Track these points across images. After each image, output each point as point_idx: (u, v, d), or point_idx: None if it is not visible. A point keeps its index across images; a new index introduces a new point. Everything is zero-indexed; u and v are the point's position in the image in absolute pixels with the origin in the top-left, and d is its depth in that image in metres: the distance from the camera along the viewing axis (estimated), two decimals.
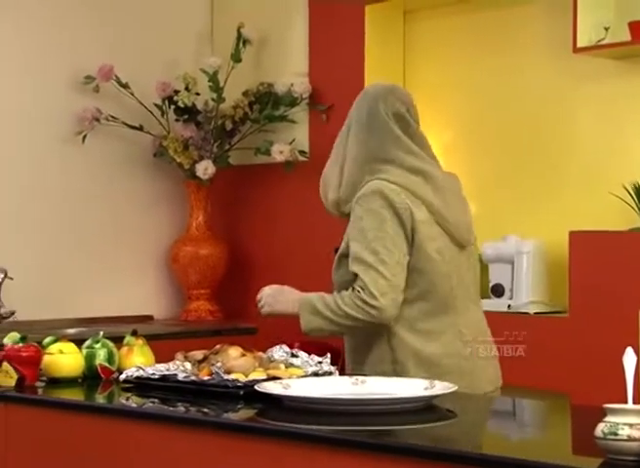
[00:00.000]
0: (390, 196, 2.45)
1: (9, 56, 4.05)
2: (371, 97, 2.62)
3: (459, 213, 2.59)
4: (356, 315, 2.43)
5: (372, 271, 2.42)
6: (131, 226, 4.38)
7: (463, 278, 2.55)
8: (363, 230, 2.46)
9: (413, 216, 2.46)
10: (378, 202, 2.46)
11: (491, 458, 1.65)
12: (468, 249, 2.60)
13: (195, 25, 4.60)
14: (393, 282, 2.43)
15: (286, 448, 1.87)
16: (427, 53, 4.23)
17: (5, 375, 2.31)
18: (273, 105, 4.31)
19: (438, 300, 2.50)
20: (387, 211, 2.45)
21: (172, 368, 2.30)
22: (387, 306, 2.41)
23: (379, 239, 2.44)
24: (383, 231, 2.44)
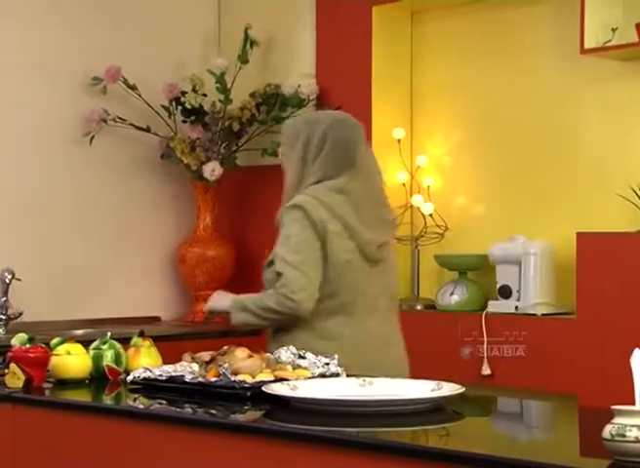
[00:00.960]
0: (308, 209, 2.78)
1: (17, 57, 4.06)
2: (306, 125, 2.93)
3: (373, 232, 2.84)
4: (277, 308, 2.74)
5: (293, 269, 2.73)
6: (138, 227, 4.39)
7: (369, 290, 2.83)
8: (287, 236, 2.79)
9: (326, 229, 2.77)
10: (298, 213, 2.79)
11: (498, 460, 1.65)
12: (381, 265, 2.87)
13: (202, 27, 4.60)
14: (312, 279, 2.74)
15: (293, 449, 1.87)
16: (435, 53, 4.23)
17: (12, 377, 2.31)
18: (280, 106, 4.31)
19: (338, 305, 2.79)
20: (306, 221, 2.78)
21: (179, 369, 2.31)
22: (304, 300, 2.72)
23: (300, 243, 2.76)
24: (304, 237, 2.77)
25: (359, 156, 2.89)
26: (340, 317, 2.80)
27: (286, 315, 2.74)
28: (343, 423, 1.92)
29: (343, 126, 2.93)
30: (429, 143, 4.26)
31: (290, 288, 2.71)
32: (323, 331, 2.78)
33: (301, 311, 2.73)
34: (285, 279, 2.72)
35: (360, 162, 2.89)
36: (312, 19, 4.33)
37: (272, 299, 2.75)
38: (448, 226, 4.12)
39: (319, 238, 2.76)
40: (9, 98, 4.03)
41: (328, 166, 2.85)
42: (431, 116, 4.26)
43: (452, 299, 3.94)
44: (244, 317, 2.83)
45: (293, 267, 2.73)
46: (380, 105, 4.19)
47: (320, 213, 2.78)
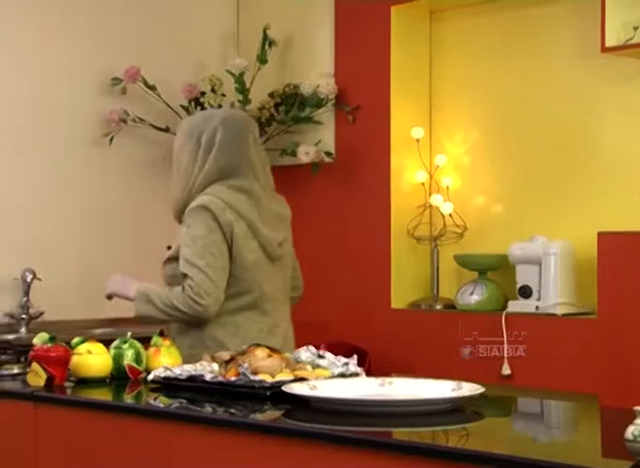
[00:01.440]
0: (215, 210, 2.84)
1: (37, 57, 4.08)
2: (202, 122, 2.98)
3: (273, 230, 2.98)
4: (183, 309, 2.81)
5: (200, 273, 2.80)
6: (157, 227, 4.39)
7: (271, 286, 2.97)
8: (193, 238, 2.84)
9: (233, 230, 2.85)
10: (205, 214, 2.85)
11: (519, 460, 1.64)
12: (281, 261, 3.03)
13: (221, 27, 4.61)
14: (218, 283, 2.82)
15: (313, 448, 1.87)
16: (453, 53, 4.22)
17: (34, 375, 2.33)
18: (299, 106, 4.31)
19: (245, 302, 2.91)
20: (213, 223, 2.84)
21: (199, 368, 2.31)
22: (211, 304, 2.81)
23: (207, 246, 2.83)
24: (211, 239, 2.83)
25: (252, 153, 2.97)
26: (248, 312, 2.91)
27: (191, 316, 2.83)
28: (363, 423, 1.92)
29: (235, 123, 2.98)
30: (448, 143, 4.25)
31: (197, 291, 2.79)
32: (233, 327, 2.89)
33: (207, 315, 2.83)
34: (192, 282, 2.79)
35: (254, 159, 2.97)
36: (331, 19, 4.33)
37: (179, 299, 2.81)
38: (467, 226, 4.11)
39: (226, 240, 2.85)
40: (29, 99, 4.05)
41: (223, 164, 2.92)
42: (450, 115, 4.25)
43: (471, 299, 3.93)
44: (148, 309, 2.88)
45: (199, 270, 2.80)
46: (399, 105, 4.18)
47: (227, 214, 2.85)
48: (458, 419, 1.99)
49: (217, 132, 2.93)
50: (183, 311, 2.81)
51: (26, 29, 4.05)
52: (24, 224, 4.03)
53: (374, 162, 4.20)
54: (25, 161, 4.05)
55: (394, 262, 4.14)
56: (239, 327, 2.90)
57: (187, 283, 2.80)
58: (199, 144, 2.94)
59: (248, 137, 2.98)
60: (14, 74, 4.02)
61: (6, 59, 4.00)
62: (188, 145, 2.96)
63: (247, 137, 2.98)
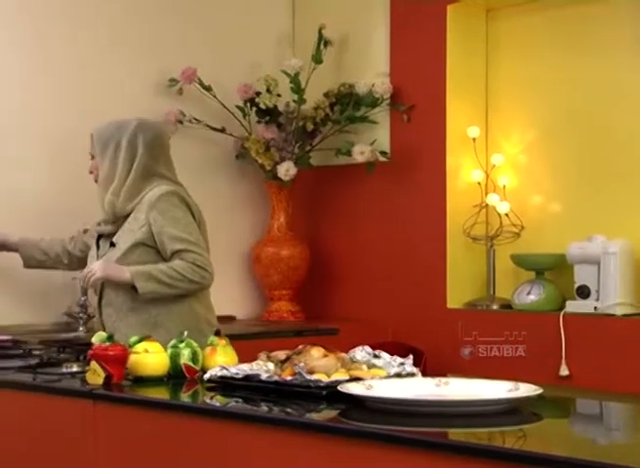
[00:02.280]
0: (184, 196, 3.16)
1: (95, 60, 4.13)
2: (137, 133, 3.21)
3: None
4: (193, 278, 3.04)
5: (196, 247, 3.07)
6: (213, 227, 4.38)
7: None
8: (175, 218, 3.08)
9: (200, 215, 3.18)
10: (176, 199, 3.13)
11: (577, 462, 1.62)
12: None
13: (276, 27, 4.62)
14: (207, 258, 3.10)
15: (368, 448, 1.86)
16: (510, 51, 4.19)
17: (93, 374, 2.35)
18: (354, 106, 4.31)
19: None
20: (184, 206, 3.13)
21: (255, 368, 2.32)
22: (212, 275, 3.10)
23: (189, 224, 3.11)
24: (189, 220, 3.12)
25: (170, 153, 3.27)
26: (206, 291, 3.20)
27: (197, 285, 3.07)
28: (419, 423, 1.91)
29: (152, 127, 3.26)
30: (505, 142, 4.21)
31: (202, 261, 3.05)
32: (206, 301, 3.20)
33: (209, 284, 3.12)
34: (193, 254, 3.04)
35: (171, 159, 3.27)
36: (386, 18, 4.32)
37: (187, 270, 3.03)
38: (524, 225, 4.08)
39: (195, 221, 3.14)
40: (88, 100, 4.09)
41: (152, 164, 3.18)
42: (507, 114, 4.21)
43: (528, 299, 3.89)
44: (153, 287, 3.03)
45: (194, 244, 3.06)
46: (455, 104, 4.16)
47: (191, 200, 3.18)
48: (514, 420, 1.98)
49: (137, 136, 3.18)
50: (191, 279, 3.03)
51: (85, 31, 4.10)
52: (82, 225, 4.07)
53: (429, 161, 4.18)
54: (83, 162, 4.09)
55: (450, 262, 4.12)
56: (209, 301, 3.22)
57: (189, 256, 3.04)
58: (118, 151, 3.18)
59: (166, 139, 3.29)
60: (72, 76, 4.07)
61: (65, 61, 4.05)
62: (106, 154, 3.19)
63: (166, 139, 3.29)
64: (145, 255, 3.09)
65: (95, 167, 3.28)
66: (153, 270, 3.04)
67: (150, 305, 3.09)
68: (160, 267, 3.04)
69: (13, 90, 3.93)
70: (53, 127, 4.00)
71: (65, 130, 4.03)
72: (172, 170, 3.27)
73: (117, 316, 3.13)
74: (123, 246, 3.11)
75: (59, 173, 4.01)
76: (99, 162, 3.24)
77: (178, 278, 3.03)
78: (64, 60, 4.06)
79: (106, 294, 3.16)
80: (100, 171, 3.23)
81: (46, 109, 3.98)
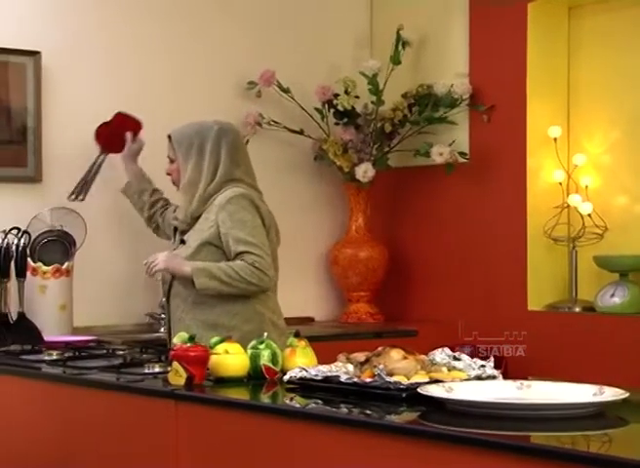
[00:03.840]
0: (254, 199, 3.18)
1: (175, 63, 4.18)
2: (221, 136, 3.25)
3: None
4: (251, 280, 3.07)
5: (259, 250, 3.09)
6: (292, 229, 4.43)
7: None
8: (241, 221, 3.11)
9: (271, 221, 3.21)
10: (246, 201, 3.16)
11: None
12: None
13: (354, 29, 4.62)
14: (269, 262, 3.11)
15: (449, 451, 1.85)
16: (593, 49, 4.12)
17: (175, 374, 2.38)
18: (433, 107, 4.28)
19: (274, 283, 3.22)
20: (254, 209, 3.15)
21: (334, 369, 2.32)
22: (273, 277, 3.14)
23: (255, 227, 3.13)
24: (257, 223, 3.14)
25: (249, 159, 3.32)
26: (272, 293, 3.23)
27: (255, 287, 3.09)
28: (500, 426, 1.89)
29: (232, 132, 3.30)
30: (587, 141, 4.14)
31: (262, 263, 3.07)
32: (271, 304, 3.21)
33: (269, 287, 3.15)
34: (255, 256, 3.07)
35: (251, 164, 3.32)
36: (465, 17, 4.29)
37: (246, 272, 3.06)
38: (608, 226, 4.00)
39: (264, 226, 3.17)
40: (168, 102, 4.15)
41: (234, 169, 3.22)
42: (589, 113, 4.15)
43: (612, 302, 3.82)
44: (211, 284, 3.07)
45: (257, 247, 3.09)
46: (536, 103, 4.11)
47: (263, 205, 3.21)
48: (599, 425, 1.94)
49: (220, 141, 3.24)
50: (249, 281, 3.06)
51: (166, 35, 4.16)
52: None
53: (509, 162, 4.14)
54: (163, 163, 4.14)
55: (531, 263, 4.07)
56: (275, 303, 3.24)
57: (249, 257, 3.07)
58: (202, 156, 3.22)
59: (244, 143, 3.40)
60: (154, 79, 4.13)
61: (147, 65, 4.12)
62: (189, 159, 3.24)
63: (244, 143, 3.40)
64: (212, 255, 3.13)
65: (174, 170, 3.32)
66: (213, 268, 3.08)
67: (215, 301, 3.12)
68: (220, 265, 3.08)
69: (103, 92, 4.00)
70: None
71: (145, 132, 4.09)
72: (251, 175, 3.31)
73: (184, 307, 3.18)
74: (193, 244, 3.17)
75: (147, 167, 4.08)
76: (181, 165, 3.28)
77: (236, 278, 3.06)
78: (145, 65, 4.12)
79: (175, 286, 3.21)
80: (183, 175, 3.27)
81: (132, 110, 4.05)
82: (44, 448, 2.75)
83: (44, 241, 3.61)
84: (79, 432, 2.66)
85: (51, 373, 2.76)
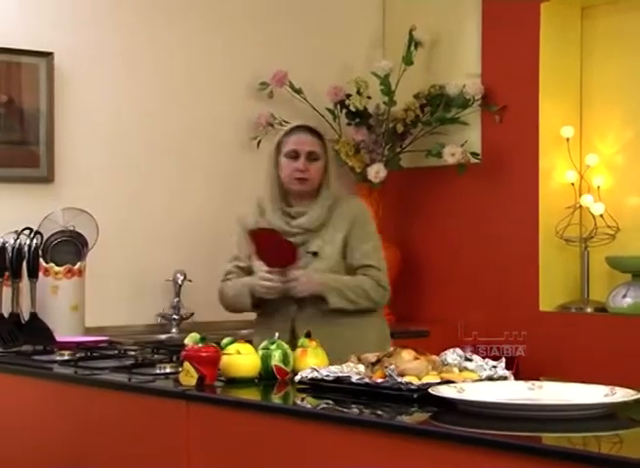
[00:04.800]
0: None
1: (190, 62, 4.19)
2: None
3: None
4: (374, 297, 3.04)
5: (382, 265, 3.09)
6: None
7: None
8: (369, 234, 3.10)
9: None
10: (369, 214, 3.20)
11: None
12: None
13: (367, 29, 4.62)
14: (387, 277, 3.11)
15: (460, 452, 1.85)
16: (606, 49, 4.10)
17: (186, 374, 2.38)
18: (445, 107, 4.28)
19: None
20: (373, 222, 3.19)
21: (345, 370, 2.32)
22: (389, 294, 3.11)
23: (378, 241, 3.15)
24: (378, 236, 3.16)
25: None
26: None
27: (375, 304, 3.07)
28: (511, 427, 1.88)
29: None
30: (600, 142, 4.13)
31: (384, 280, 3.06)
32: (382, 316, 3.21)
33: (385, 302, 3.13)
34: (378, 272, 3.04)
35: None
36: (478, 18, 4.28)
37: (372, 289, 3.04)
38: (620, 227, 3.99)
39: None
40: (181, 103, 4.16)
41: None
42: (602, 114, 4.14)
43: (624, 302, 3.81)
44: (343, 304, 3.01)
45: (381, 263, 3.08)
46: (548, 103, 4.10)
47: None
48: (611, 425, 1.93)
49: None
50: (372, 298, 3.05)
51: (178, 36, 4.17)
52: (176, 227, 4.14)
53: (521, 162, 4.13)
54: (176, 164, 4.16)
55: (542, 264, 4.06)
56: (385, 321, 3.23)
57: (374, 273, 3.04)
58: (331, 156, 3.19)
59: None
60: (165, 80, 4.14)
61: (159, 64, 4.13)
62: (330, 159, 3.18)
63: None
64: (340, 267, 3.06)
65: (319, 169, 3.10)
66: (344, 287, 3.01)
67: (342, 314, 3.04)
68: (349, 284, 3.02)
69: (116, 93, 4.01)
70: (151, 125, 4.08)
71: (157, 133, 4.11)
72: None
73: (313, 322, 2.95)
74: (329, 257, 3.05)
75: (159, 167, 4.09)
76: (320, 166, 3.10)
77: (362, 296, 3.03)
78: (156, 66, 4.13)
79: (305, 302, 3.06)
80: (324, 176, 3.10)
81: (145, 110, 4.06)
82: (56, 449, 2.75)
83: (56, 241, 3.62)
84: (91, 432, 2.66)
85: (62, 374, 2.77)
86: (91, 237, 3.71)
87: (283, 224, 3.08)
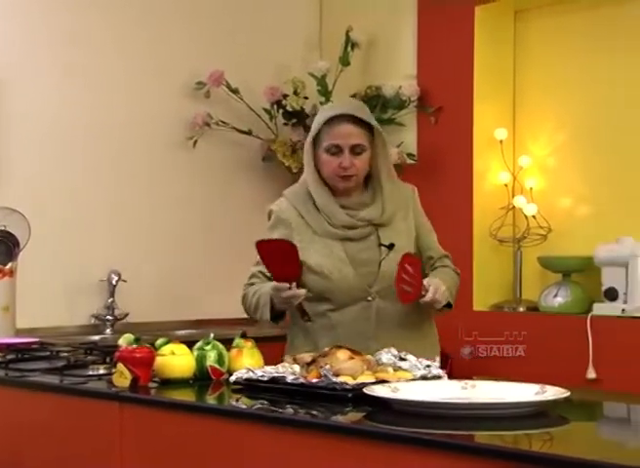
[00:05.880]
0: None
1: (122, 63, 4.15)
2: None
3: None
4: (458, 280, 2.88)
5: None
6: (239, 229, 4.43)
7: None
8: (427, 219, 2.96)
9: None
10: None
11: (604, 465, 1.61)
12: None
13: (304, 30, 4.63)
14: None
15: (394, 451, 1.86)
16: (538, 52, 4.17)
17: (120, 376, 2.36)
18: (381, 108, 4.30)
19: None
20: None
21: (281, 370, 2.32)
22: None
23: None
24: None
25: None
26: None
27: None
28: (445, 426, 1.90)
29: None
30: (532, 144, 4.19)
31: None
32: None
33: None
34: (450, 259, 2.90)
35: None
36: (414, 20, 4.31)
37: (458, 277, 2.89)
38: (552, 227, 4.05)
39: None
40: (116, 103, 4.12)
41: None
42: (535, 116, 4.19)
43: (555, 302, 3.87)
44: (452, 302, 2.79)
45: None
46: (482, 106, 4.14)
47: None
48: (541, 423, 1.96)
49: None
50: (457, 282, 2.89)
51: (112, 35, 4.12)
52: (110, 227, 4.10)
53: (456, 163, 4.17)
54: (111, 164, 4.12)
55: (476, 264, 4.10)
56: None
57: (450, 262, 2.89)
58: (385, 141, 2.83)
59: None
60: (100, 79, 4.10)
61: (94, 64, 4.08)
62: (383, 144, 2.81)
63: None
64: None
65: (364, 161, 2.73)
66: (452, 284, 2.79)
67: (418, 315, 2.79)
68: (449, 280, 2.78)
69: (55, 98, 3.95)
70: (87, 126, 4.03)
71: (92, 132, 4.06)
72: None
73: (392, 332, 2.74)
74: (405, 248, 2.74)
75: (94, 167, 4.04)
76: (366, 157, 2.73)
77: (457, 287, 2.84)
78: (91, 64, 4.08)
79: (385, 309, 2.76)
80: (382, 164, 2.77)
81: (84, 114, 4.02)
82: None
83: None
84: (23, 435, 2.63)
85: None
86: (23, 237, 3.66)
87: (343, 216, 2.76)
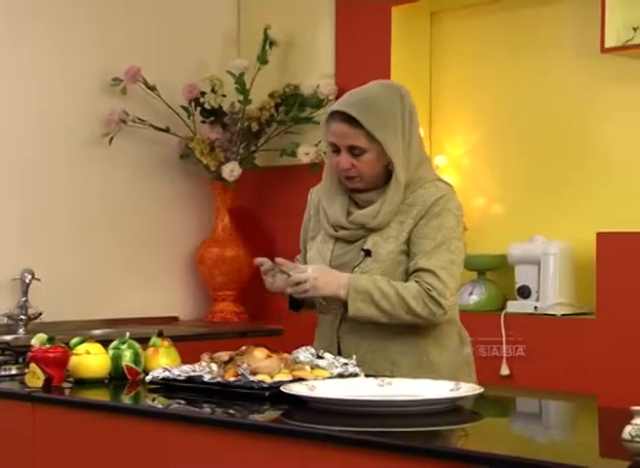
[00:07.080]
0: (458, 199, 2.47)
1: (37, 58, 4.08)
2: (406, 96, 2.54)
3: None
4: (416, 309, 2.36)
5: (447, 271, 2.38)
6: (156, 228, 4.40)
7: None
8: (438, 228, 2.41)
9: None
10: (456, 203, 2.46)
11: (517, 460, 1.64)
12: None
13: (222, 27, 4.61)
14: (459, 283, 2.43)
15: (311, 449, 1.87)
16: (454, 53, 4.22)
17: (32, 376, 2.33)
18: (299, 107, 4.31)
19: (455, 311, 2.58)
20: (460, 213, 2.47)
21: (198, 369, 2.31)
22: (451, 307, 2.42)
23: (454, 239, 2.42)
24: (460, 233, 2.45)
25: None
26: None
27: (422, 319, 2.38)
28: (361, 423, 1.92)
29: (408, 91, 2.55)
30: (448, 143, 4.25)
31: (441, 291, 2.35)
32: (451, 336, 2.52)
33: (443, 319, 2.40)
34: (437, 280, 2.36)
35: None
36: (332, 20, 4.33)
37: (415, 297, 2.35)
38: (467, 226, 4.09)
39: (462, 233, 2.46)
40: (30, 99, 4.05)
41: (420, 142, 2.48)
42: (450, 116, 4.25)
43: (470, 299, 3.93)
44: (369, 312, 2.37)
45: (447, 267, 2.38)
46: None
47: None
48: (456, 419, 1.99)
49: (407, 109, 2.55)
50: (419, 314, 2.39)
51: (26, 30, 4.05)
52: (23, 225, 4.03)
53: None
54: (24, 161, 4.05)
55: None
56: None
57: (428, 278, 2.39)
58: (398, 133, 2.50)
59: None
60: (13, 74, 4.02)
61: (6, 59, 4.00)
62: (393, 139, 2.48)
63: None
64: (398, 270, 2.42)
65: (367, 163, 2.44)
66: (375, 291, 2.36)
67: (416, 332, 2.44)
68: (384, 289, 2.36)
69: None
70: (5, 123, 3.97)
71: (3, 128, 3.99)
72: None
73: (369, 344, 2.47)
74: (384, 258, 2.42)
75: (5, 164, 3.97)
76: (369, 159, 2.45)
77: (400, 306, 2.36)
78: (4, 60, 4.00)
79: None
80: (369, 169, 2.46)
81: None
82: None
83: None
84: None
85: None
86: None
87: (337, 215, 2.58)
